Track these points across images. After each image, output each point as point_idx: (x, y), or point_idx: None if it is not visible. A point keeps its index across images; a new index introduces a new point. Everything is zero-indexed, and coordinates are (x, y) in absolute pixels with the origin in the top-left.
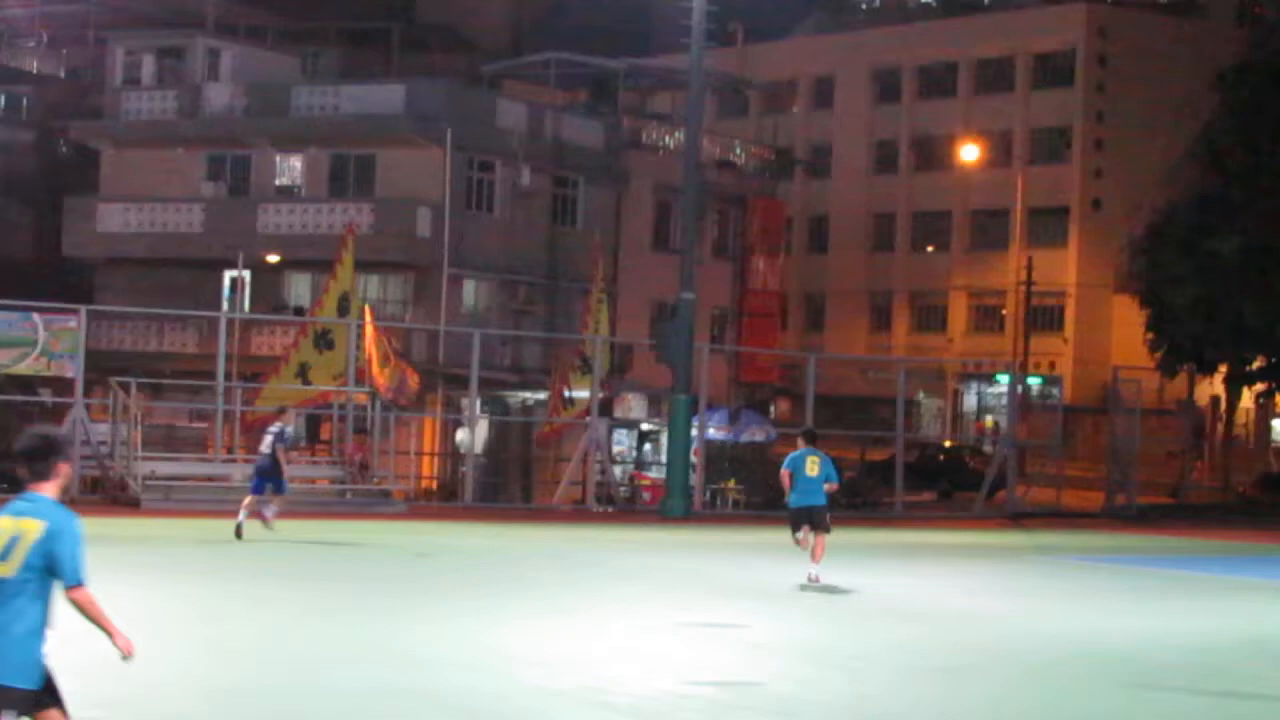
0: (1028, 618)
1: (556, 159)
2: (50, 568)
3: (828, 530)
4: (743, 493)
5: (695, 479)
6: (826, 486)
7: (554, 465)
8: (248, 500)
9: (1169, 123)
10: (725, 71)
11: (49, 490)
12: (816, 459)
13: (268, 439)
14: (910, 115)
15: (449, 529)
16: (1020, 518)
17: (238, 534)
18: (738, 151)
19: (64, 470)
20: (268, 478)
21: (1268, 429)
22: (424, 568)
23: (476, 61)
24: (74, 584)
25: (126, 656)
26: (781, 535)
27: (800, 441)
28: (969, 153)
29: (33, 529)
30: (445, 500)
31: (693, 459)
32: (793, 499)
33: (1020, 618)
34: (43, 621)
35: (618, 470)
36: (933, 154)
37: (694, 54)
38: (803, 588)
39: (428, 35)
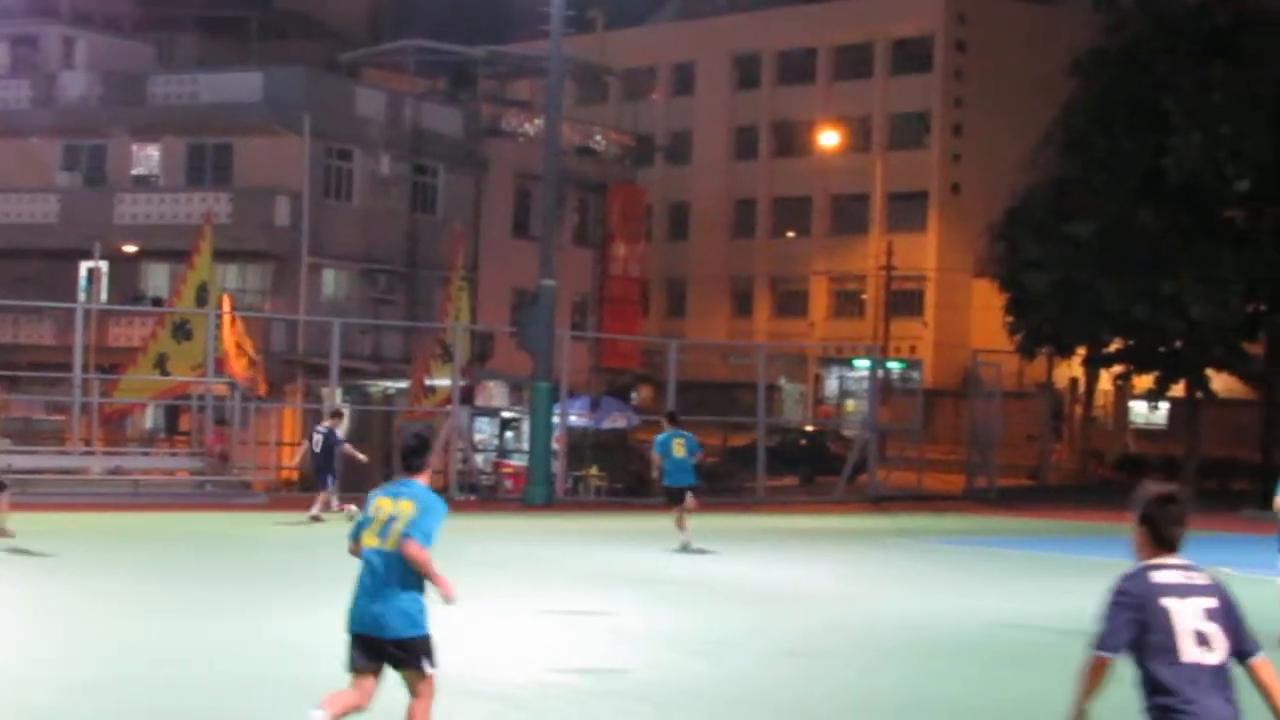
0: (888, 600)
1: (416, 147)
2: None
3: (694, 507)
4: (605, 479)
5: (557, 466)
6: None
7: None
8: (322, 496)
9: (1027, 108)
10: (585, 58)
11: (421, 479)
12: (681, 440)
13: (318, 438)
14: (770, 101)
15: (310, 519)
16: (881, 501)
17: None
18: (598, 138)
19: (431, 464)
20: (327, 472)
21: (1126, 410)
22: (286, 558)
23: (335, 49)
24: (418, 542)
25: (449, 601)
26: (643, 521)
27: (665, 424)
28: (829, 138)
29: (408, 509)
30: (306, 491)
31: (554, 446)
32: (667, 480)
33: (880, 600)
34: (419, 586)
35: (480, 458)
36: (793, 140)
37: (553, 41)
38: (676, 553)
39: (286, 23)
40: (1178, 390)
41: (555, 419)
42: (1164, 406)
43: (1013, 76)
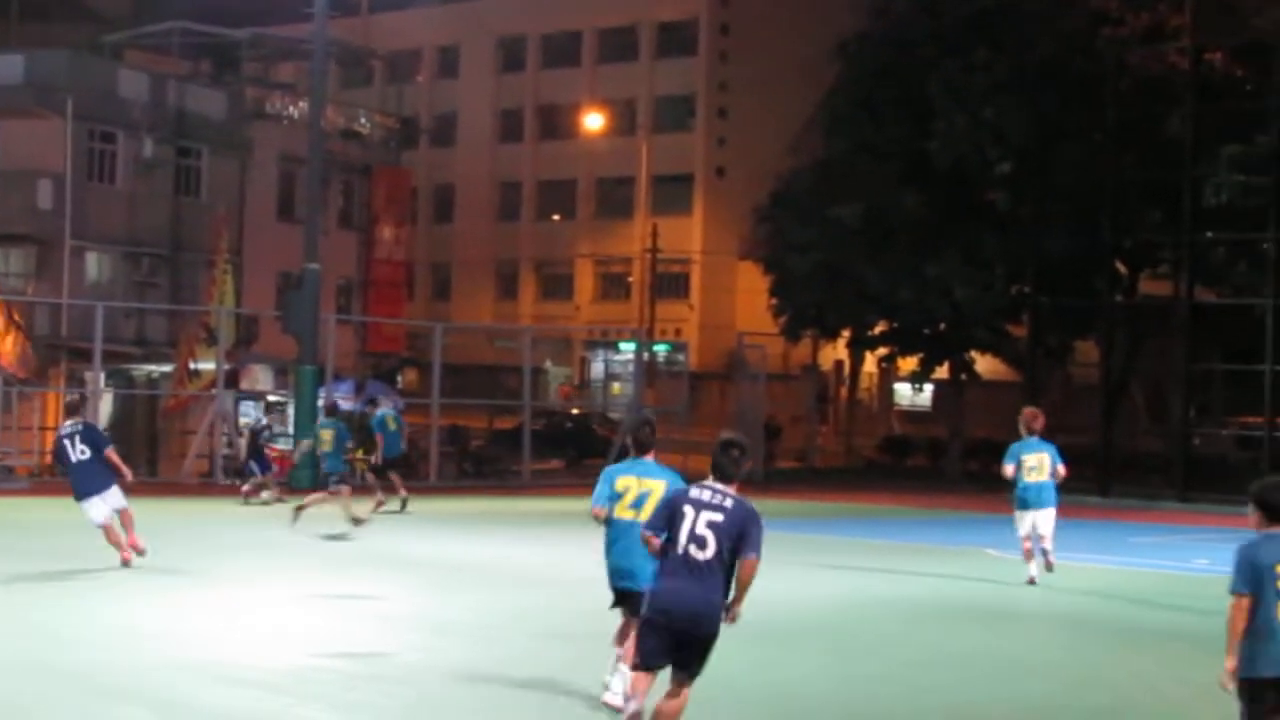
0: None
1: (179, 130)
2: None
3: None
4: (370, 462)
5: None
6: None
7: (180, 438)
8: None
9: (792, 91)
10: (349, 41)
11: (652, 457)
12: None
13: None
14: (535, 84)
15: (73, 504)
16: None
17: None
18: (362, 121)
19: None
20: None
21: (890, 392)
22: (48, 544)
23: (98, 31)
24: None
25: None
26: (410, 504)
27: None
28: (593, 121)
29: (659, 487)
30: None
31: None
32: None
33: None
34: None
35: (244, 442)
36: (558, 123)
37: (318, 23)
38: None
39: (48, 5)
40: (942, 372)
41: (320, 403)
42: (928, 388)
43: (777, 60)
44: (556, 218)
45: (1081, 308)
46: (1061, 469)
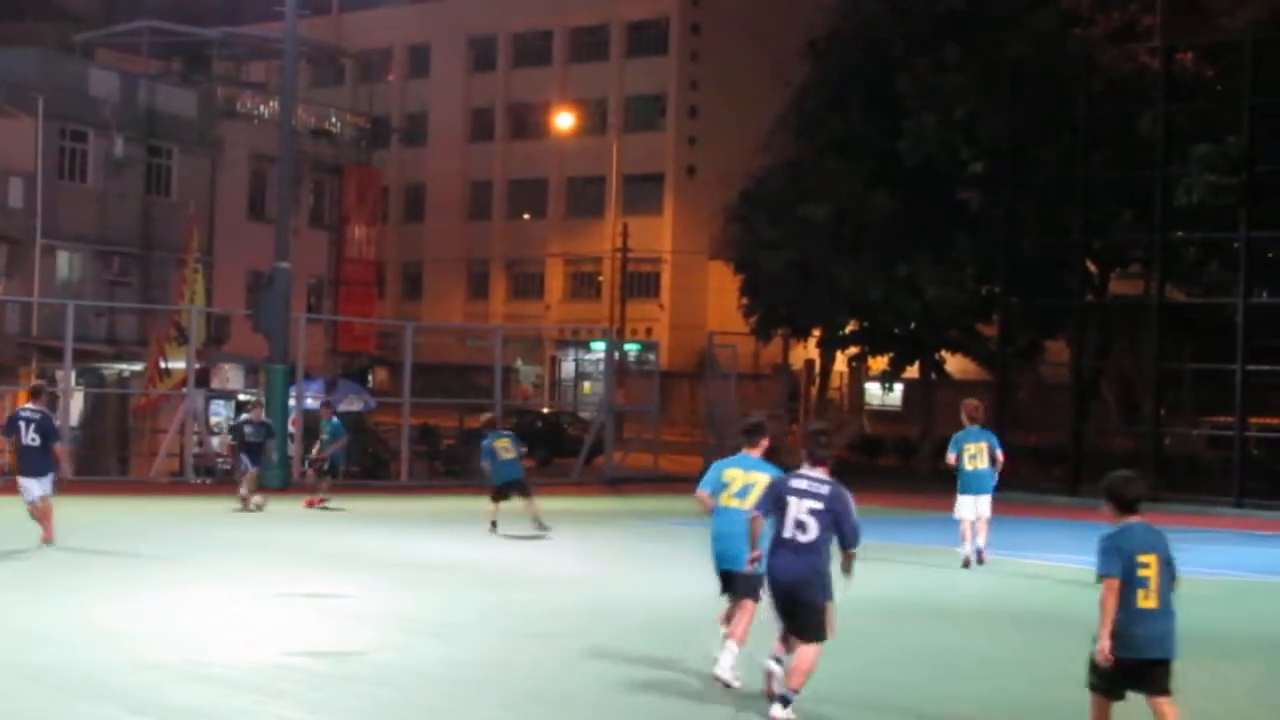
0: (625, 582)
1: (150, 128)
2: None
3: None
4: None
5: (293, 449)
6: None
7: (151, 437)
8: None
9: (763, 90)
10: (320, 40)
11: (756, 453)
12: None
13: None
14: (506, 83)
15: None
16: (618, 483)
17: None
18: (333, 120)
19: (764, 443)
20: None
21: (861, 391)
22: (18, 543)
23: (69, 30)
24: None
25: (755, 561)
26: (381, 504)
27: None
28: (564, 121)
29: (762, 479)
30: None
31: (290, 429)
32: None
33: (618, 581)
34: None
35: (215, 441)
36: (529, 122)
37: (288, 22)
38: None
39: (19, 3)
40: (913, 372)
41: (291, 402)
42: (899, 388)
43: (748, 59)
44: (527, 217)
45: (1052, 307)
46: (1000, 455)
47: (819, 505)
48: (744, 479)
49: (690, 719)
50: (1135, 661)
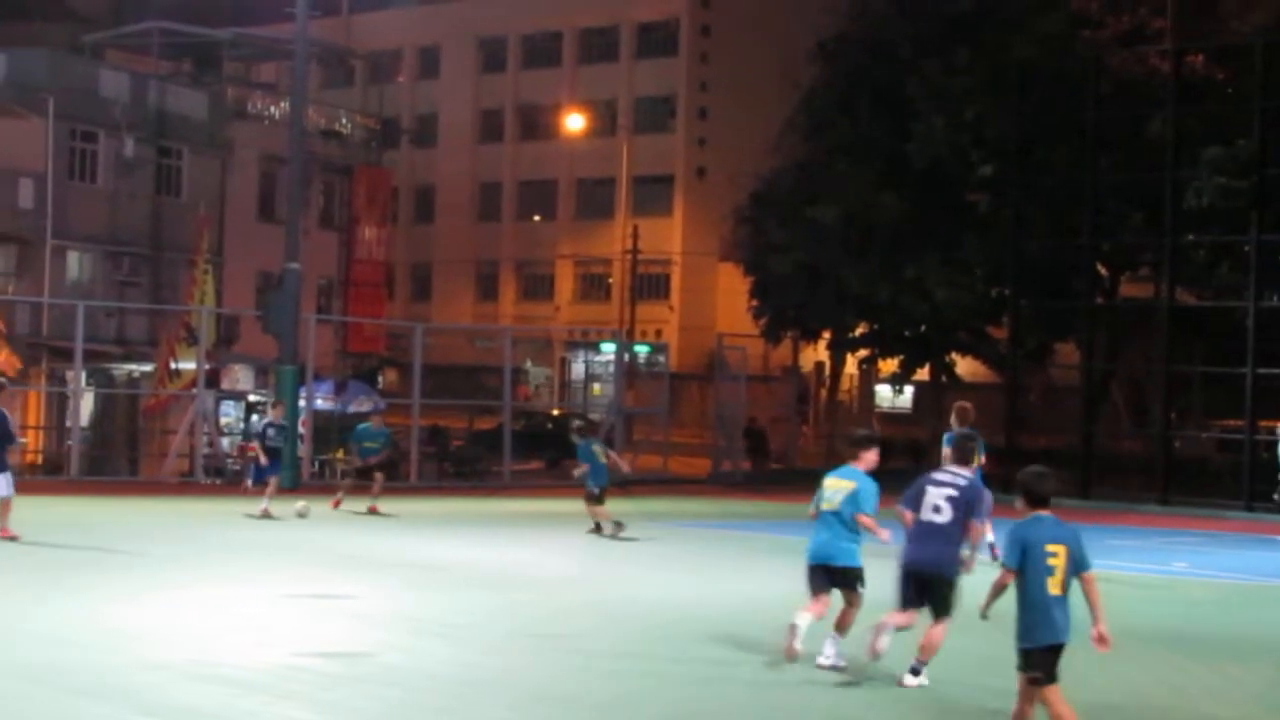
0: (632, 583)
1: (160, 129)
2: (857, 508)
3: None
4: (350, 463)
5: (303, 449)
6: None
7: (161, 438)
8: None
9: (772, 92)
10: (330, 41)
11: (859, 465)
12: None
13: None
14: (516, 84)
15: (56, 504)
16: (627, 484)
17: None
18: (343, 121)
19: (869, 457)
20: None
21: (871, 394)
22: (31, 543)
23: (78, 31)
24: (863, 512)
25: (884, 542)
26: (389, 505)
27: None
28: (574, 122)
29: (848, 486)
30: (51, 474)
31: (300, 430)
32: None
33: (625, 583)
34: (856, 536)
35: (225, 442)
36: (538, 123)
37: (299, 23)
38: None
39: (29, 3)
40: (922, 374)
41: (301, 402)
42: (909, 390)
43: (758, 61)
44: (537, 218)
45: (1062, 309)
46: (983, 458)
47: (955, 493)
48: (835, 486)
49: None
50: (1059, 645)
